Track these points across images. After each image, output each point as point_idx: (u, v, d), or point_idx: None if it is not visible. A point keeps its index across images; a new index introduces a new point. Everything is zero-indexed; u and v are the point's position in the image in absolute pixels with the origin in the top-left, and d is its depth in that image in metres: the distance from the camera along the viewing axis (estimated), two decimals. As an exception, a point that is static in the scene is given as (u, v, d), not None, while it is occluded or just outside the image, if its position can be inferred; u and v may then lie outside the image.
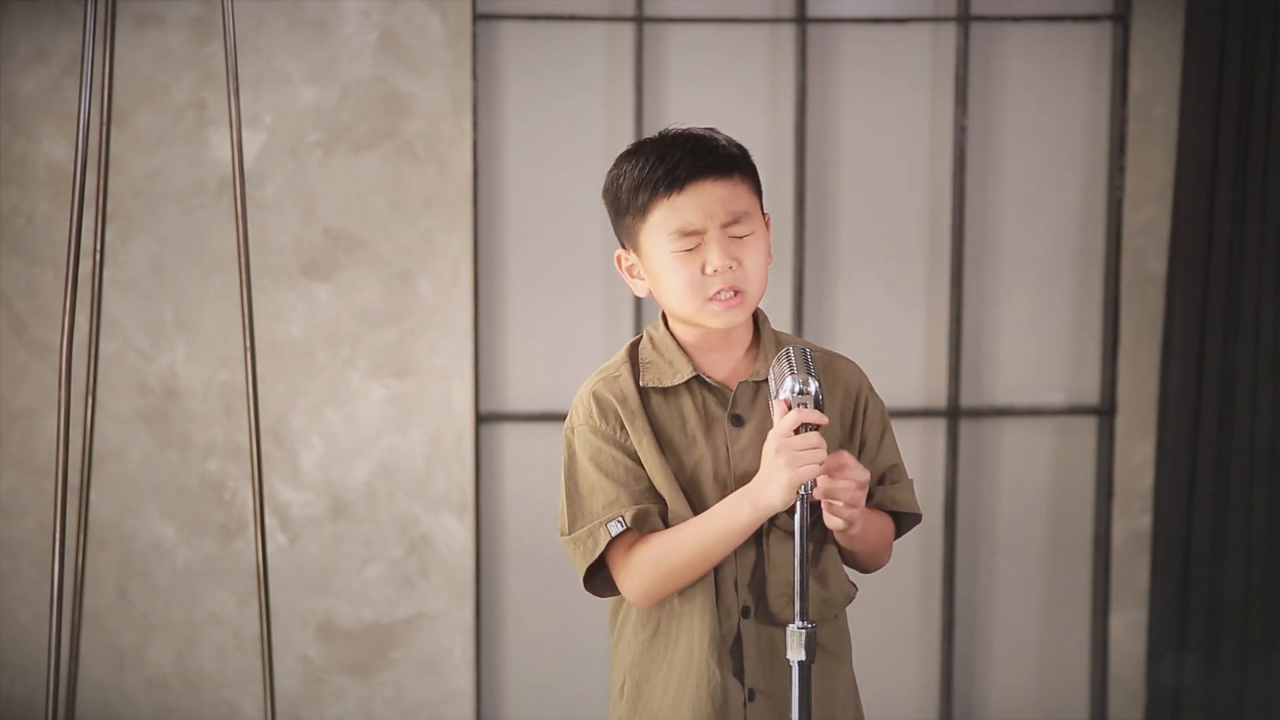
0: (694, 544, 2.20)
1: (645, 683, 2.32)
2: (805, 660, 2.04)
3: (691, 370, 2.27)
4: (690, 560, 2.21)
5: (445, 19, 3.95)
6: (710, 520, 2.20)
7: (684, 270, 2.22)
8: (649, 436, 2.25)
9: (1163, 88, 4.11)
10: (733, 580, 2.26)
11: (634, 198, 2.24)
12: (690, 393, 2.28)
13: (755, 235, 2.25)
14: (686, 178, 2.21)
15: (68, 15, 3.88)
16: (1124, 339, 4.19)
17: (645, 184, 2.23)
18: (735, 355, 2.31)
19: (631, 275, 2.31)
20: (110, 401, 3.96)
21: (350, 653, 4.09)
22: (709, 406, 2.28)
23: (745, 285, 2.24)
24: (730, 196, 2.23)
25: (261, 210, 3.95)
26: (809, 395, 2.10)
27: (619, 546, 2.25)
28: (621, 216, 2.27)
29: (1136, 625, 4.24)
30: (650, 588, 2.24)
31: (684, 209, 2.21)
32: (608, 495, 2.25)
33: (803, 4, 4.09)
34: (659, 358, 2.30)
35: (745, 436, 2.26)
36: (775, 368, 2.14)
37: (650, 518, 2.24)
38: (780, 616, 2.26)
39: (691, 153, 2.23)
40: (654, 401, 2.28)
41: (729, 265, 2.21)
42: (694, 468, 2.26)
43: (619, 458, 2.26)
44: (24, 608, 4.02)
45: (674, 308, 2.26)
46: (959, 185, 4.16)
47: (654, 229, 2.23)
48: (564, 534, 2.29)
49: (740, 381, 2.28)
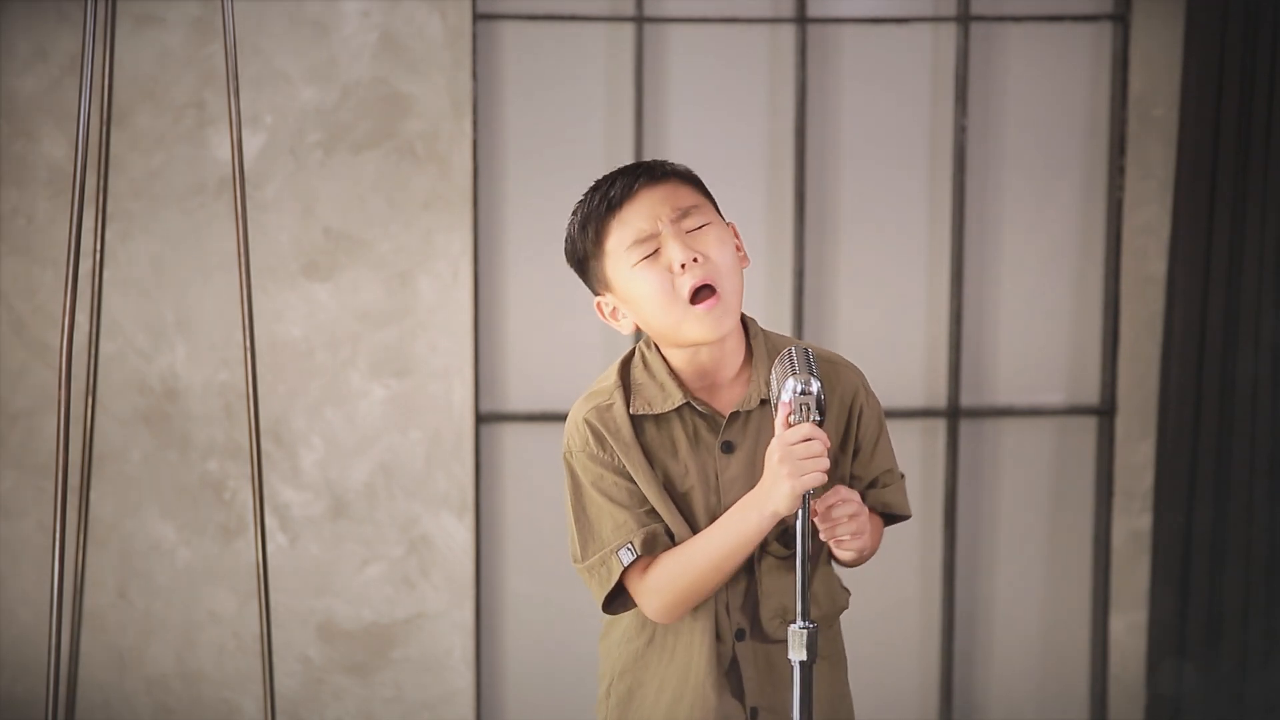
0: (707, 557, 2.21)
1: (637, 690, 2.32)
2: (806, 660, 2.04)
3: (682, 396, 2.26)
4: (705, 574, 2.21)
5: (445, 19, 3.96)
6: (720, 532, 2.20)
7: (651, 278, 2.22)
8: (644, 467, 2.26)
9: (1163, 88, 4.11)
10: (725, 605, 2.27)
11: (584, 234, 2.26)
12: (681, 419, 2.28)
13: (713, 226, 2.25)
14: (623, 194, 2.24)
15: (68, 15, 3.88)
16: (1124, 339, 4.19)
17: (590, 217, 2.26)
18: (728, 379, 2.30)
19: (615, 317, 2.31)
20: (110, 401, 3.96)
21: (350, 653, 4.09)
22: (700, 433, 2.28)
23: (717, 279, 2.22)
24: (671, 194, 2.24)
25: (261, 210, 3.95)
26: (811, 395, 2.10)
27: (634, 570, 2.25)
28: (585, 264, 2.29)
29: (1136, 626, 4.24)
30: (671, 605, 2.24)
31: (630, 220, 2.23)
32: (615, 519, 2.25)
33: (803, 4, 4.09)
34: (650, 380, 2.29)
35: (735, 465, 2.26)
36: (777, 368, 2.13)
37: (659, 538, 2.25)
38: (774, 636, 2.28)
39: (623, 174, 2.27)
40: (647, 429, 2.28)
41: (693, 258, 2.20)
42: (686, 494, 2.27)
43: (620, 482, 2.26)
44: (24, 608, 4.02)
45: (657, 326, 2.25)
46: (959, 185, 4.16)
47: (613, 254, 2.24)
48: (577, 561, 2.30)
49: (732, 411, 2.27)
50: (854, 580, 2.53)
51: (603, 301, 2.32)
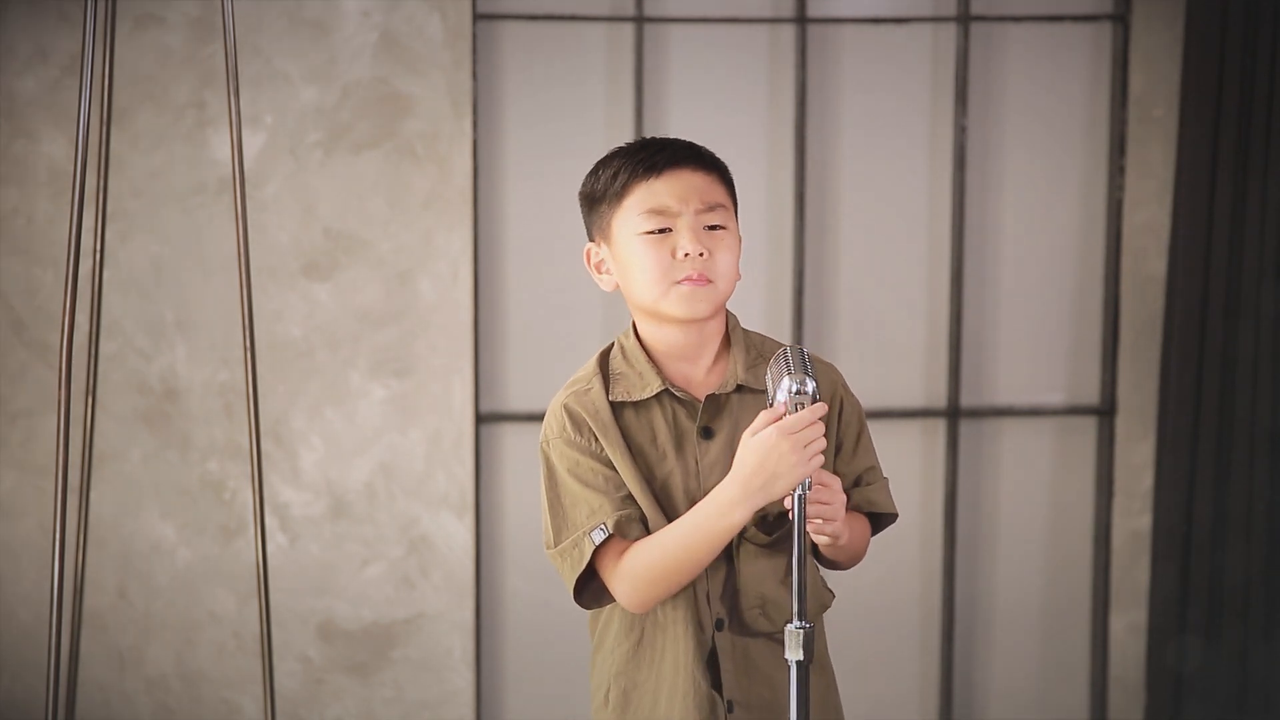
0: (683, 545, 2.19)
1: (633, 691, 2.32)
2: (803, 660, 2.04)
3: (660, 383, 2.26)
4: (680, 561, 2.19)
5: (445, 19, 3.96)
6: (699, 518, 2.18)
7: (654, 253, 2.22)
8: (622, 450, 2.25)
9: (1163, 88, 4.11)
10: (705, 594, 2.26)
11: (612, 183, 2.26)
12: (660, 406, 2.28)
13: (729, 233, 2.26)
14: (666, 163, 2.25)
15: (68, 15, 3.88)
16: (1124, 339, 4.19)
17: (624, 169, 2.26)
18: (705, 364, 2.30)
19: (599, 270, 2.32)
20: (110, 401, 3.96)
21: (350, 653, 4.10)
22: (679, 419, 2.27)
23: (715, 276, 2.23)
24: (707, 187, 2.25)
25: (261, 210, 3.95)
26: (807, 395, 2.11)
27: (609, 555, 2.24)
28: (596, 205, 2.29)
29: (1136, 625, 4.24)
30: (643, 593, 2.23)
31: (660, 192, 2.23)
32: (590, 505, 2.24)
33: (803, 4, 4.10)
34: (629, 368, 2.29)
35: (714, 450, 2.25)
36: (773, 368, 2.14)
37: (634, 523, 2.23)
38: (754, 627, 2.26)
39: (673, 145, 2.28)
40: (626, 415, 2.27)
41: (700, 252, 2.21)
42: (665, 480, 2.26)
43: (597, 468, 2.25)
44: (24, 608, 4.02)
45: (639, 296, 2.25)
46: (959, 185, 4.16)
47: (627, 211, 2.24)
48: (549, 547, 2.29)
49: (709, 394, 2.27)
50: (854, 580, 2.53)
51: (593, 249, 2.32)
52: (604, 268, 2.31)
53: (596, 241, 2.32)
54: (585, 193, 2.31)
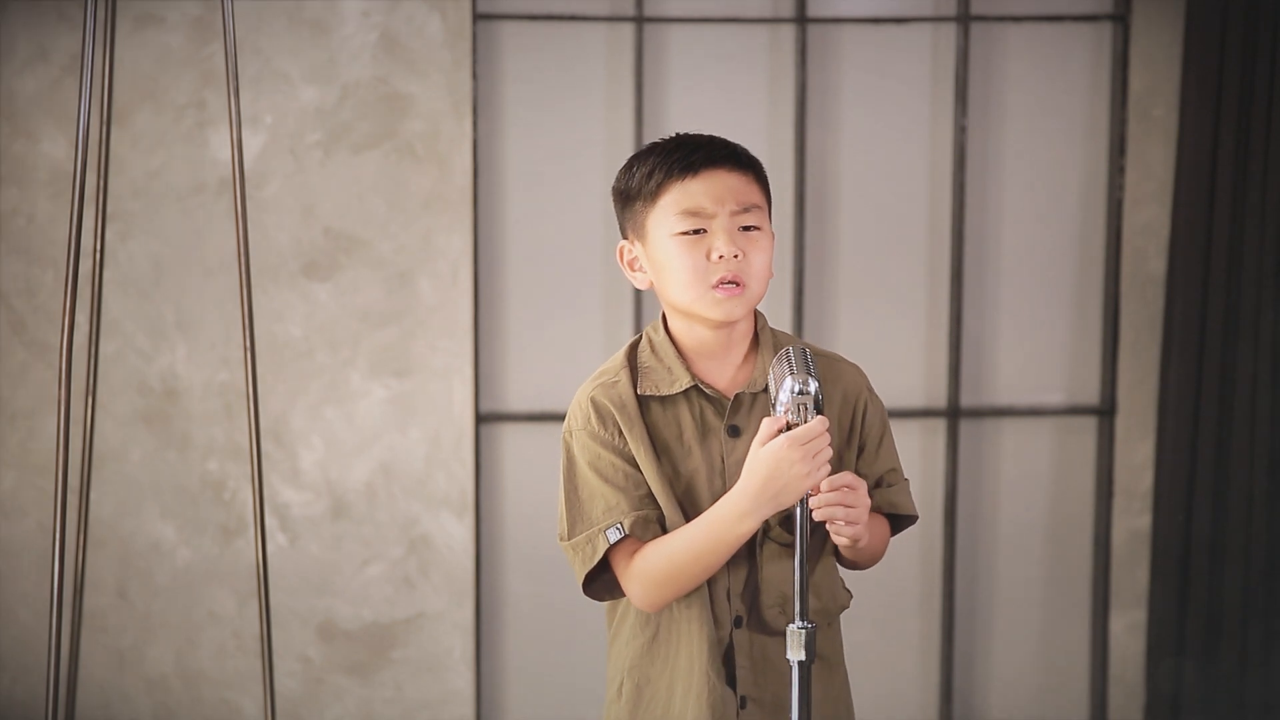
0: (691, 552, 2.19)
1: (646, 686, 2.31)
2: (805, 660, 2.04)
3: (690, 379, 2.26)
4: (690, 567, 2.20)
5: (445, 19, 3.96)
6: (709, 525, 2.19)
7: (689, 255, 2.22)
8: (646, 445, 2.25)
9: (1163, 88, 4.11)
10: (725, 590, 2.26)
11: (647, 181, 2.25)
12: (688, 401, 2.27)
13: (764, 234, 2.26)
14: (703, 163, 2.24)
15: (68, 15, 3.88)
16: (1124, 339, 4.19)
17: (660, 167, 2.24)
18: (734, 362, 2.30)
19: (633, 268, 2.31)
20: (110, 401, 3.96)
21: (350, 653, 4.09)
22: (706, 416, 2.27)
23: (748, 279, 2.24)
24: (743, 187, 2.25)
25: (261, 210, 3.95)
26: (809, 395, 2.10)
27: (622, 553, 2.24)
28: (631, 203, 2.28)
29: (1136, 625, 4.24)
30: (653, 594, 2.23)
31: (696, 193, 2.23)
32: (607, 501, 2.24)
33: (803, 4, 4.09)
34: (658, 363, 2.29)
35: (740, 448, 2.25)
36: (775, 368, 2.13)
37: (650, 524, 2.23)
38: (773, 625, 2.26)
39: (709, 144, 2.27)
40: (652, 409, 2.27)
41: (735, 254, 2.22)
42: (689, 477, 2.26)
43: (618, 464, 2.25)
44: (24, 608, 4.02)
45: (673, 296, 2.26)
46: (959, 185, 4.16)
47: (663, 211, 2.23)
48: (563, 539, 2.29)
49: (738, 392, 2.27)
50: (854, 580, 2.52)
51: (626, 247, 2.31)
52: (637, 265, 2.31)
53: (630, 239, 2.31)
54: (619, 189, 2.30)
